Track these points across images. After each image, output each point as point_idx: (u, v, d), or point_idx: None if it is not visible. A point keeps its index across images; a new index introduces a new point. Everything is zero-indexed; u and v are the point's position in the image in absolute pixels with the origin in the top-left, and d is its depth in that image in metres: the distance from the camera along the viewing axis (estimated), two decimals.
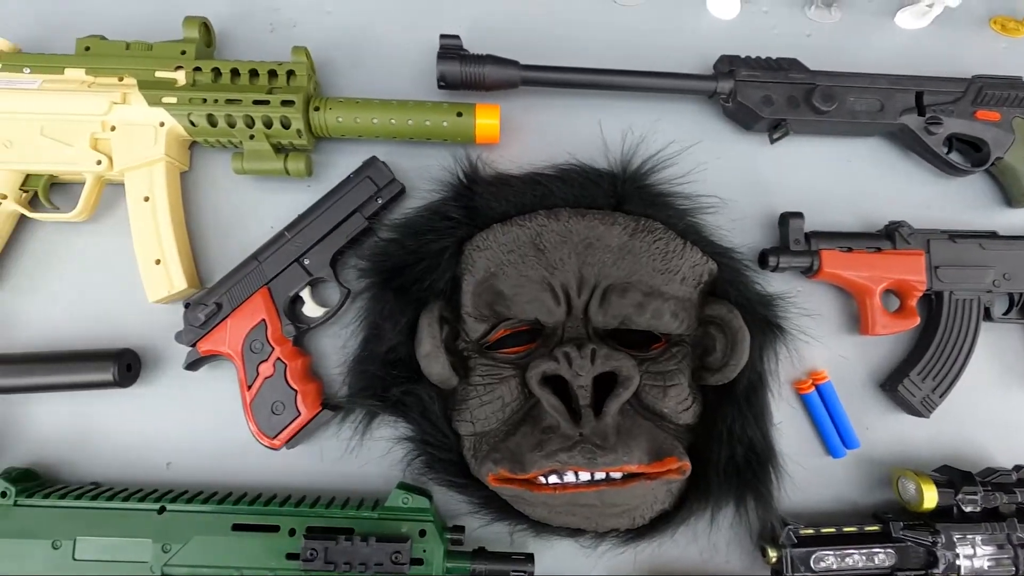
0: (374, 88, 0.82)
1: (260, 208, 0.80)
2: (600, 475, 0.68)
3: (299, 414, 0.71)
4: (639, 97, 0.86)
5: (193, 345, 0.72)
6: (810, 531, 0.72)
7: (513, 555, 0.70)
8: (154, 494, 0.69)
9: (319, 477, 0.75)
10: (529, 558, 0.69)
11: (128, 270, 0.76)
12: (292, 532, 0.67)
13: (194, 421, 0.75)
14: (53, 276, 0.77)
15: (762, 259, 0.81)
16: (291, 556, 0.66)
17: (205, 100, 0.74)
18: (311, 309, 0.75)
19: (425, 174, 0.80)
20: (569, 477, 0.68)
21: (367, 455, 0.76)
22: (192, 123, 0.74)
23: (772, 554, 0.72)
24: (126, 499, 0.67)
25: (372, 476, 0.75)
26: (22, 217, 0.76)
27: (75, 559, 0.65)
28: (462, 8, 0.88)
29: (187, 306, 0.72)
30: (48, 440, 0.74)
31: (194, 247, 0.78)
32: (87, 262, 0.78)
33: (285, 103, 0.74)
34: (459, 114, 0.77)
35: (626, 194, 0.75)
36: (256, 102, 0.74)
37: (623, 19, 0.90)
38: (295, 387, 0.71)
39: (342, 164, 0.81)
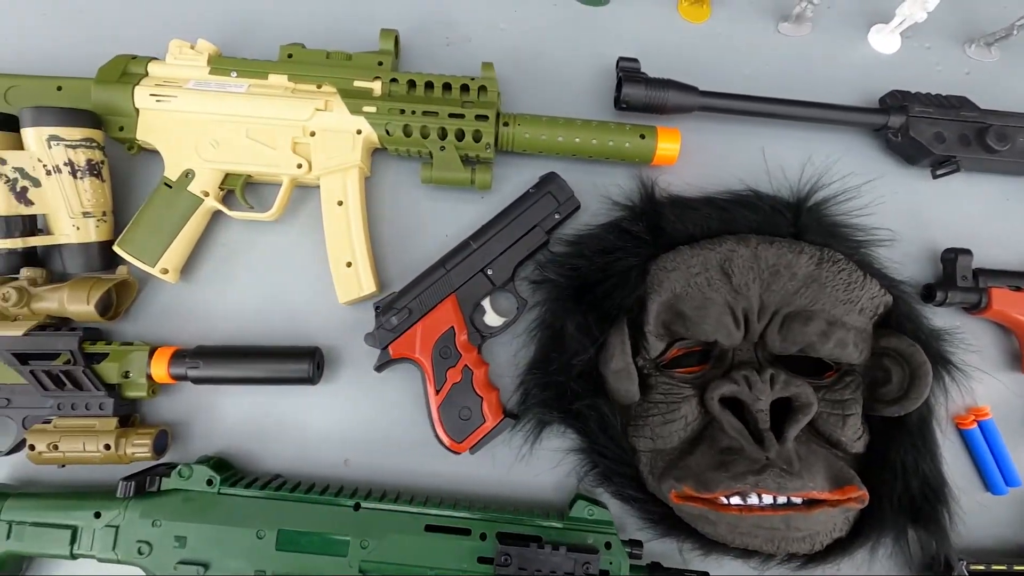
0: (544, 105, 0.84)
1: (434, 216, 0.83)
2: (783, 499, 0.69)
3: (484, 421, 0.73)
4: (797, 127, 0.87)
5: (385, 348, 0.74)
6: (980, 567, 0.73)
7: (687, 571, 0.71)
8: (343, 491, 0.71)
9: (492, 484, 0.77)
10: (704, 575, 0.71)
11: (312, 269, 0.80)
12: (483, 536, 0.68)
13: (372, 421, 0.78)
14: (241, 272, 0.80)
15: (928, 293, 0.82)
16: (482, 560, 0.68)
17: (403, 111, 0.76)
18: (492, 319, 0.77)
19: (594, 191, 0.82)
20: (753, 499, 0.69)
21: (537, 464, 0.78)
22: (387, 132, 0.77)
23: None
24: (321, 494, 0.70)
25: (545, 485, 0.77)
26: (215, 213, 0.79)
27: (277, 550, 0.67)
28: (626, 31, 0.90)
29: (378, 309, 0.75)
30: (233, 431, 0.76)
31: (374, 251, 0.81)
32: (273, 260, 0.80)
33: (479, 117, 0.77)
34: (642, 136, 0.79)
35: (806, 224, 0.76)
36: (451, 115, 0.77)
37: (785, 49, 0.92)
38: (480, 394, 0.73)
39: (513, 178, 0.84)
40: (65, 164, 0.71)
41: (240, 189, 0.78)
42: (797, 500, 0.69)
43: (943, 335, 0.78)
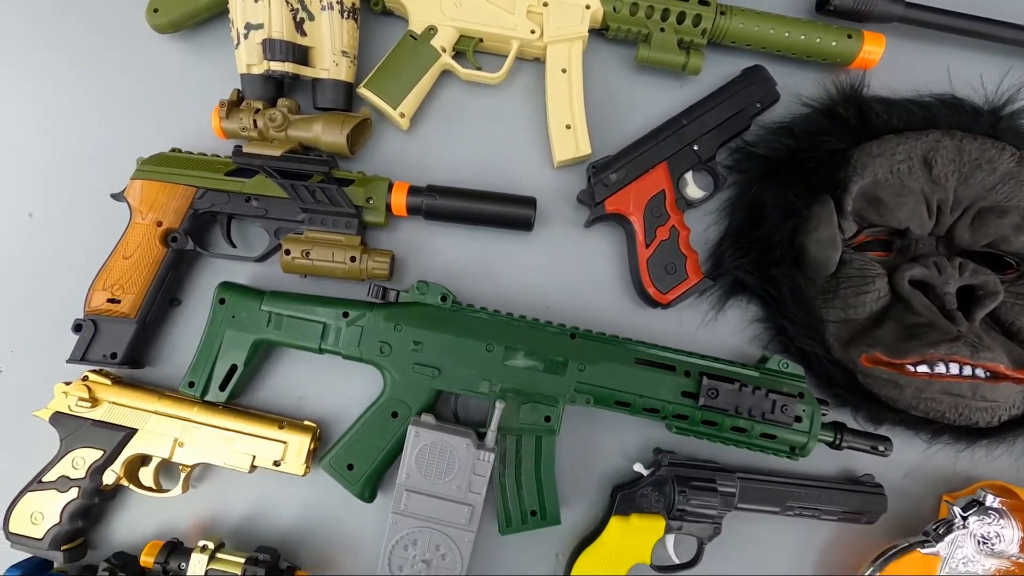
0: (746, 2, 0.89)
1: (633, 100, 0.88)
2: (968, 371, 0.74)
3: (687, 276, 0.79)
4: (992, 49, 0.90)
5: (600, 203, 0.80)
6: None
7: (871, 433, 0.77)
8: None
9: (679, 344, 0.82)
10: (887, 440, 0.76)
11: (525, 134, 0.86)
12: (687, 374, 0.75)
13: (573, 275, 0.84)
14: (461, 130, 0.86)
15: None
16: (685, 394, 0.74)
17: None
18: (692, 191, 0.83)
19: (783, 91, 0.87)
20: (940, 368, 0.75)
21: (721, 330, 0.84)
22: (614, 9, 0.83)
23: None
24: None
25: (728, 350, 0.83)
26: (442, 74, 0.86)
27: (503, 362, 0.74)
28: None
29: (595, 168, 0.81)
30: (447, 270, 0.83)
31: None
32: (490, 123, 0.87)
33: (702, 2, 0.82)
34: (849, 36, 0.84)
35: (1005, 128, 0.81)
36: None
37: None
38: (685, 253, 0.79)
39: (711, 70, 0.89)
40: (337, 2, 0.78)
41: (471, 51, 0.84)
42: (981, 373, 0.74)
43: None
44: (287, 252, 0.77)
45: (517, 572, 0.78)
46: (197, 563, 0.69)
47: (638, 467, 0.76)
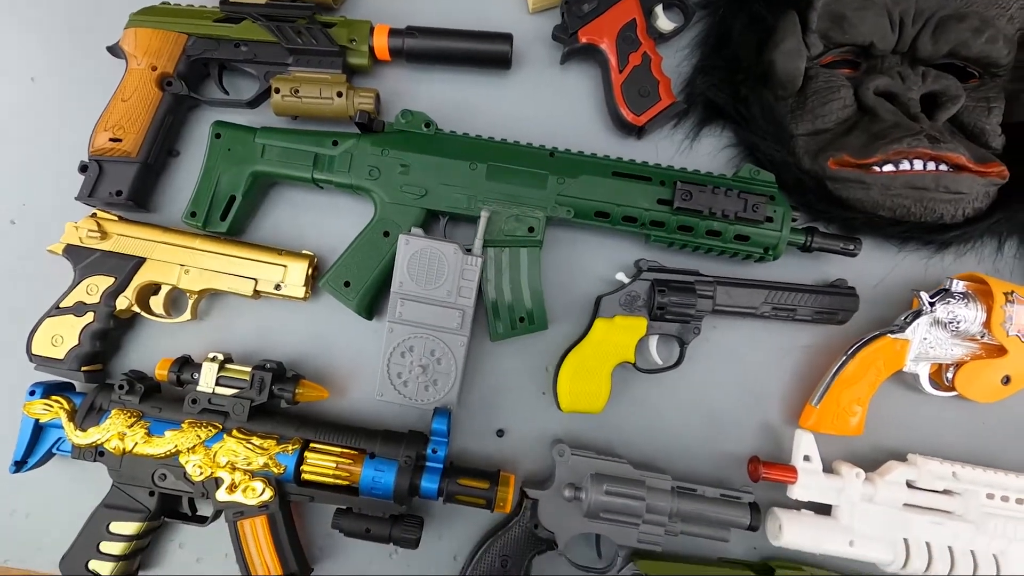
0: None
1: None
2: (932, 165, 0.77)
3: (661, 99, 0.82)
4: None
5: (573, 33, 0.83)
6: None
7: (842, 235, 0.80)
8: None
9: None
10: (857, 239, 0.79)
11: None
12: (663, 183, 0.78)
13: (552, 109, 0.87)
14: None
15: None
16: (661, 201, 0.78)
17: None
18: (664, 23, 0.86)
19: None
20: (905, 165, 0.78)
21: (697, 159, 0.87)
22: None
23: None
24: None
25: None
26: None
27: (487, 179, 0.78)
28: None
29: (567, 2, 0.84)
30: (430, 112, 0.85)
31: None
32: None
33: None
34: None
35: None
36: None
37: None
38: (658, 77, 0.83)
39: None
40: None
41: None
42: (945, 167, 0.78)
43: None
44: (277, 91, 0.81)
45: (510, 381, 0.83)
46: (208, 371, 0.74)
47: (620, 276, 0.80)
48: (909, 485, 0.75)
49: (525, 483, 0.78)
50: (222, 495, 0.72)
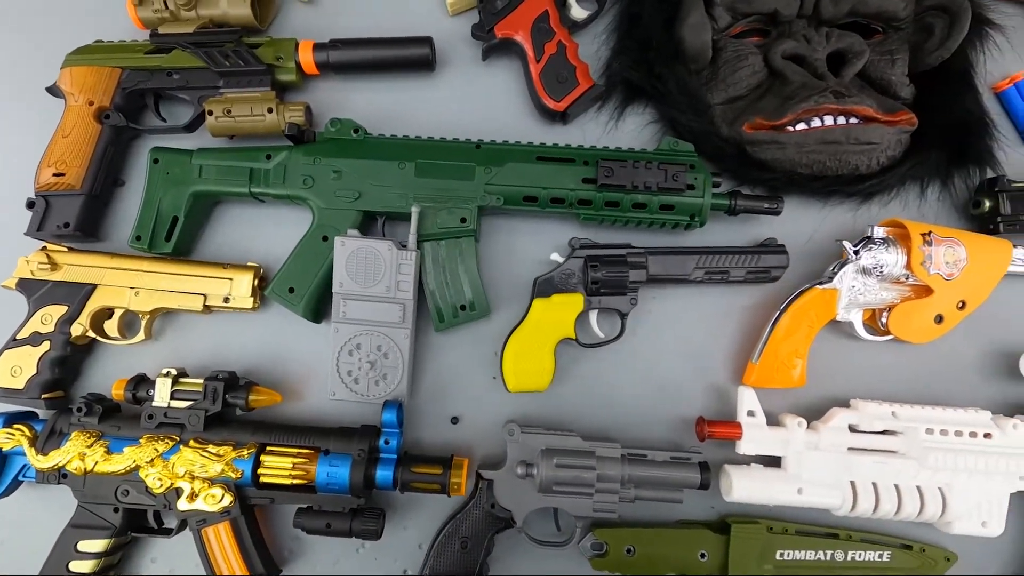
0: None
1: None
2: (842, 120, 0.80)
3: (579, 84, 0.86)
4: None
5: (490, 30, 0.87)
6: (1021, 184, 0.82)
7: (764, 195, 0.83)
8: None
9: None
10: (779, 197, 0.82)
11: None
12: (586, 163, 0.81)
13: (478, 106, 0.91)
14: None
15: None
16: (586, 180, 0.81)
17: None
18: (577, 11, 0.90)
19: None
20: (815, 123, 0.81)
21: (621, 138, 0.90)
22: None
23: (987, 203, 0.83)
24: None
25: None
26: None
27: (416, 177, 0.81)
28: None
29: (482, 1, 0.88)
30: (367, 117, 0.89)
31: None
32: None
33: None
34: None
35: None
36: None
37: None
38: (574, 63, 0.86)
39: None
40: None
41: None
42: (855, 120, 0.80)
43: None
44: (211, 113, 0.84)
45: (461, 369, 0.85)
46: (162, 386, 0.76)
47: (555, 256, 0.83)
48: (852, 429, 0.77)
49: (481, 466, 0.80)
50: (183, 505, 0.74)
